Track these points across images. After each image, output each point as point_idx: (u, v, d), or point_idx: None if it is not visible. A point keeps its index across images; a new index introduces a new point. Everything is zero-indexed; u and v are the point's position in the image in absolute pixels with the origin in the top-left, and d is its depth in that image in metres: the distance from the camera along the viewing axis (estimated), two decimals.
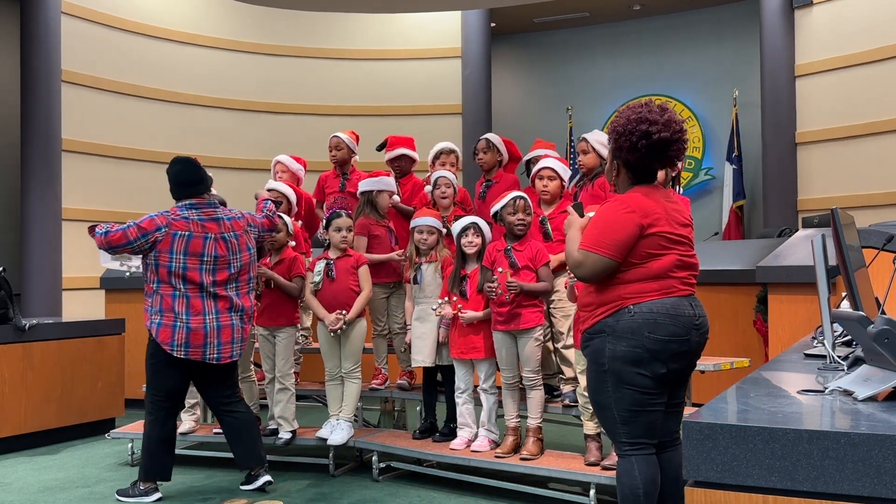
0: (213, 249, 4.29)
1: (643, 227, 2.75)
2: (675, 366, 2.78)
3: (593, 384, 2.86)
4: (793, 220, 9.55)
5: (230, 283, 4.36)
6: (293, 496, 4.41)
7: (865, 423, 1.56)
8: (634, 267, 2.76)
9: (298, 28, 11.30)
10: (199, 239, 4.27)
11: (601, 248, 2.75)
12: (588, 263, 2.78)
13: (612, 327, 2.76)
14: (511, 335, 4.31)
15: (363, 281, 4.83)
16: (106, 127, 9.89)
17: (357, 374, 4.85)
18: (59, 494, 4.52)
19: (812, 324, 4.35)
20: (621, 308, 2.75)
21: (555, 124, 11.71)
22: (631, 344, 2.72)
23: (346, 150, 5.64)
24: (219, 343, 4.29)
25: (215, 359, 4.29)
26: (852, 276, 1.97)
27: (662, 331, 2.73)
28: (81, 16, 9.66)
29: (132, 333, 6.80)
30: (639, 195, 2.83)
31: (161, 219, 4.28)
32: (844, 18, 9.69)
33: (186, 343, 4.21)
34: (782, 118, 9.99)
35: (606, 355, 2.76)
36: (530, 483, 4.31)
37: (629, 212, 2.77)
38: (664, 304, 2.75)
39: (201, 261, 4.26)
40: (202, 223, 4.32)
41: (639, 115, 2.79)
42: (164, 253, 4.23)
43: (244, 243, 4.45)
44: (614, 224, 2.77)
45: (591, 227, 2.85)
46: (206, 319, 4.25)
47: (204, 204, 4.39)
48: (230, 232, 4.39)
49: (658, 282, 2.76)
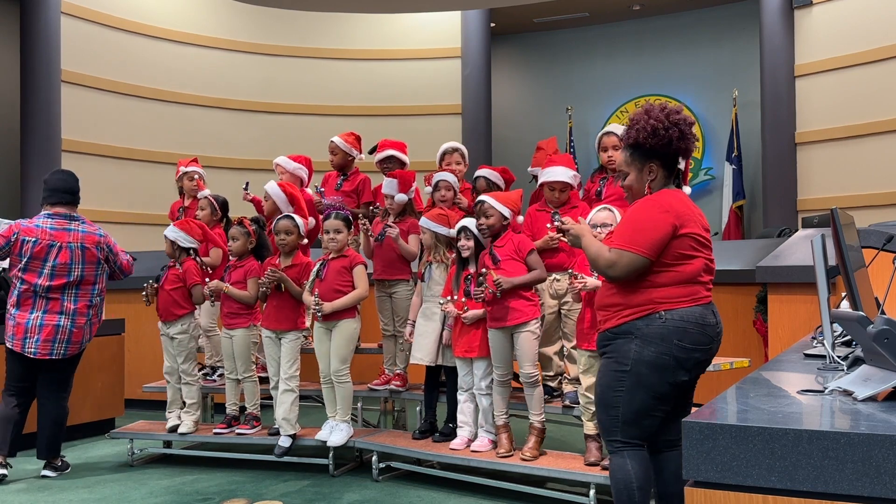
0: (55, 257, 4.74)
1: (676, 227, 2.75)
2: (694, 374, 2.81)
3: (606, 381, 2.83)
4: (792, 220, 9.55)
5: (68, 290, 4.79)
6: (293, 496, 4.41)
7: (865, 423, 1.56)
8: (666, 269, 2.76)
9: (298, 28, 11.30)
10: (44, 246, 4.73)
11: (636, 247, 2.73)
12: (623, 262, 2.75)
13: (642, 331, 2.74)
14: (506, 332, 4.30)
15: (357, 281, 4.80)
16: (106, 127, 9.89)
17: (345, 376, 4.81)
18: (59, 494, 4.52)
19: (812, 324, 4.35)
20: (653, 312, 2.74)
21: (555, 124, 11.71)
22: (659, 350, 2.72)
23: (342, 154, 5.66)
24: (38, 339, 4.69)
25: (32, 353, 4.70)
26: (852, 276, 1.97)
27: (690, 339, 2.73)
28: (81, 16, 9.66)
29: (132, 333, 6.80)
30: (670, 196, 2.84)
31: (16, 226, 4.80)
32: (844, 18, 9.70)
33: (13, 335, 4.73)
34: (782, 118, 9.99)
35: (631, 357, 2.75)
36: (530, 483, 4.31)
37: (663, 212, 2.76)
38: (693, 313, 2.75)
39: (42, 265, 4.73)
40: (52, 232, 4.77)
41: (667, 114, 2.82)
42: (15, 255, 4.76)
43: (92, 256, 4.87)
44: (649, 223, 2.76)
45: (624, 227, 2.83)
46: (31, 316, 4.71)
47: (62, 215, 4.85)
48: (78, 243, 4.82)
49: (687, 287, 2.76)
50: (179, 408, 5.25)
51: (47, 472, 4.89)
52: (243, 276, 5.03)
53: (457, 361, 4.59)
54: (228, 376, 5.14)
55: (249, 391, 5.13)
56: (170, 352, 5.20)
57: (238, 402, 5.18)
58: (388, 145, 5.52)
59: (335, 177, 5.75)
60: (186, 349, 5.14)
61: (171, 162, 7.11)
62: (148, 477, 4.89)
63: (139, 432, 5.31)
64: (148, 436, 5.30)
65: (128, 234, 9.71)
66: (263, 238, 5.20)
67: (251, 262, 5.07)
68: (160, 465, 5.19)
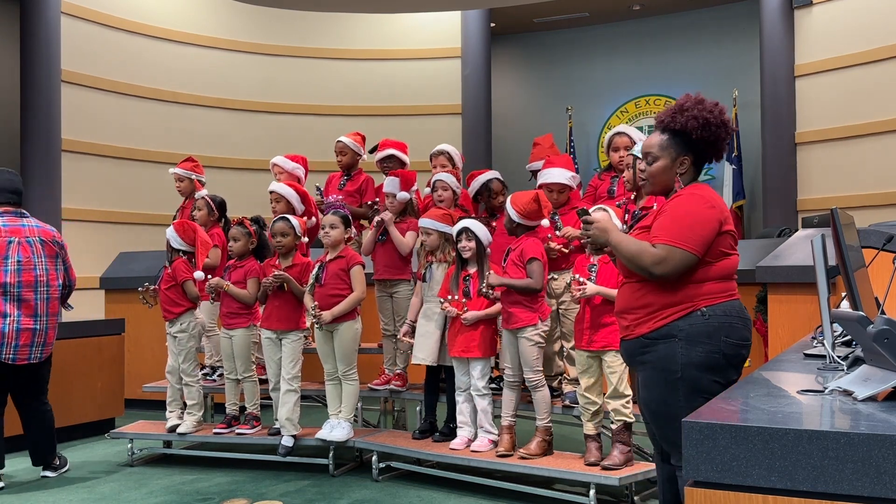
0: (17, 252, 4.66)
1: (721, 223, 2.61)
2: (741, 373, 2.64)
3: (658, 394, 2.61)
4: (792, 220, 9.55)
5: (39, 289, 4.70)
6: (293, 496, 4.41)
7: (865, 423, 1.56)
8: (707, 265, 2.59)
9: (298, 28, 11.30)
10: (2, 242, 4.65)
11: (688, 244, 2.55)
12: (673, 259, 2.55)
13: (685, 331, 2.56)
14: (513, 334, 4.33)
15: (355, 282, 4.80)
16: (106, 127, 9.88)
17: (353, 376, 4.84)
18: (59, 494, 4.52)
19: (812, 324, 4.35)
20: (694, 310, 2.57)
21: (555, 124, 11.69)
22: (708, 349, 2.55)
23: (351, 154, 5.68)
24: (16, 345, 4.57)
25: (11, 359, 4.57)
26: (852, 276, 1.97)
27: (737, 335, 2.60)
28: (81, 16, 9.66)
29: (132, 333, 6.80)
30: (710, 190, 2.68)
31: None
32: (844, 18, 9.69)
33: None
34: (782, 118, 9.99)
35: (679, 361, 2.56)
36: (530, 483, 4.31)
37: (710, 207, 2.60)
38: (734, 307, 2.62)
39: (6, 262, 4.62)
40: (6, 228, 4.69)
41: (720, 111, 2.65)
42: None
43: (51, 250, 4.80)
44: (698, 218, 2.58)
45: (671, 222, 2.60)
46: (7, 321, 4.56)
47: (11, 213, 4.77)
48: (35, 237, 4.75)
49: (725, 283, 2.62)
50: (180, 407, 5.25)
51: (47, 473, 4.87)
52: (243, 276, 5.02)
53: (454, 361, 4.60)
54: (228, 376, 5.14)
55: (249, 391, 5.13)
56: (173, 351, 5.21)
57: (238, 402, 5.19)
58: (389, 145, 5.54)
59: (338, 177, 5.77)
60: (186, 348, 5.14)
61: (171, 162, 7.11)
62: (148, 477, 4.89)
63: (139, 432, 5.32)
64: (148, 436, 5.31)
65: (128, 234, 9.71)
66: (264, 238, 5.20)
67: (251, 262, 5.07)
68: (160, 465, 5.19)
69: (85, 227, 9.51)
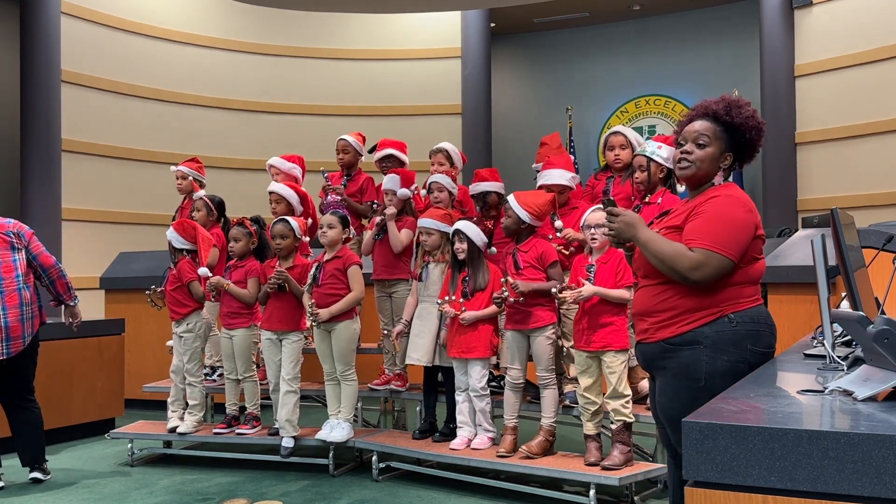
0: None
1: (756, 227, 2.50)
2: None
3: (682, 403, 2.42)
4: (792, 220, 9.55)
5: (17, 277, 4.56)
6: (293, 496, 4.41)
7: (865, 423, 1.55)
8: (736, 269, 2.45)
9: (298, 28, 11.30)
10: None
11: (728, 250, 2.40)
12: (711, 265, 2.39)
13: (711, 338, 2.44)
14: (524, 334, 4.32)
15: (353, 282, 4.80)
16: (106, 127, 9.89)
17: (351, 376, 4.83)
18: (59, 494, 4.52)
19: (812, 324, 4.35)
20: (721, 316, 2.44)
21: (555, 124, 11.69)
22: (733, 358, 2.43)
23: (353, 152, 5.68)
24: (7, 339, 4.48)
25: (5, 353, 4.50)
26: (852, 276, 1.96)
27: (763, 342, 2.50)
28: (81, 16, 9.66)
29: (132, 333, 6.80)
30: (744, 193, 2.54)
31: None
32: (844, 18, 9.70)
33: None
34: (782, 118, 9.99)
35: (703, 369, 2.43)
36: (530, 483, 4.31)
37: (748, 211, 2.48)
38: (761, 313, 2.50)
39: None
40: None
41: (763, 124, 2.56)
42: None
43: (4, 242, 4.59)
44: (738, 222, 2.44)
45: (711, 225, 2.44)
46: None
47: None
48: None
49: (751, 287, 2.51)
50: (182, 408, 5.26)
51: (37, 475, 4.75)
52: (244, 275, 5.02)
53: (453, 362, 4.60)
54: (228, 376, 5.14)
55: (249, 391, 5.13)
56: (178, 350, 5.21)
57: (238, 402, 5.19)
58: (388, 144, 5.54)
59: (339, 176, 5.77)
60: (191, 348, 5.14)
61: (172, 162, 7.10)
62: (148, 477, 4.89)
63: (139, 432, 5.32)
64: (148, 436, 5.31)
65: (128, 234, 9.71)
66: (265, 238, 5.20)
67: (252, 262, 5.07)
68: (160, 465, 5.19)
69: (85, 227, 9.52)
